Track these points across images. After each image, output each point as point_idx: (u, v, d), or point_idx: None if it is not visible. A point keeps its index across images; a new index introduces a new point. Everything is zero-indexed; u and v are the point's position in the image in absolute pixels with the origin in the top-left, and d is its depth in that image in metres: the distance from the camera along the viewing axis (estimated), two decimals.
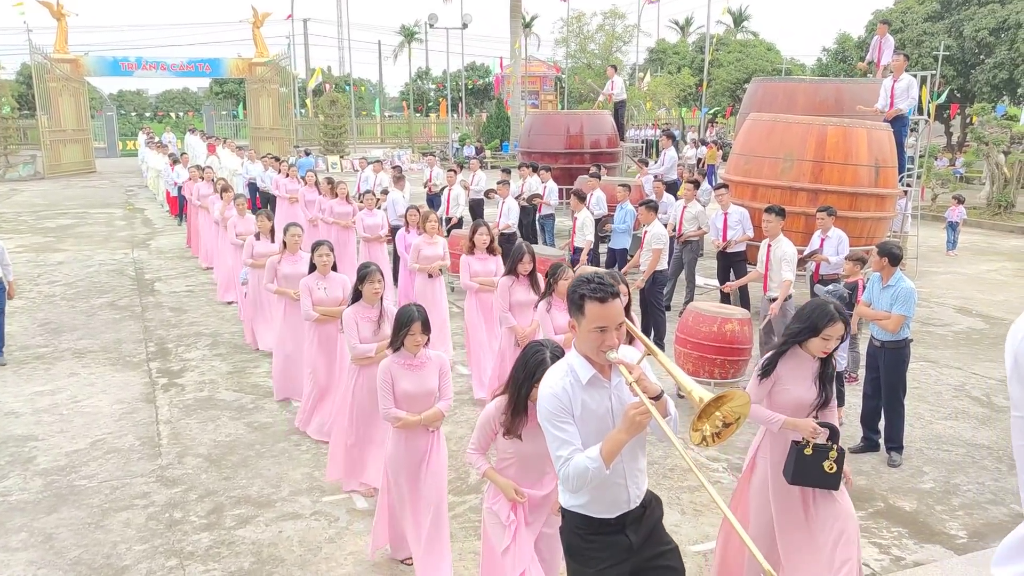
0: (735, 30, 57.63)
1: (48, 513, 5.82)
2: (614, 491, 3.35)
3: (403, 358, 4.83)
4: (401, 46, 64.38)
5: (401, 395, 4.80)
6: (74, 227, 19.52)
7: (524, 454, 4.06)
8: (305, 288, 6.84)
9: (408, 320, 4.74)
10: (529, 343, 4.08)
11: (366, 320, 5.77)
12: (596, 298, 3.17)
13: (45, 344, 9.99)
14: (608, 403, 3.32)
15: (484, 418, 4.08)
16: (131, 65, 34.64)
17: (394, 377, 4.80)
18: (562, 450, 3.21)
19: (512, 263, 6.98)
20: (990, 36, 29.93)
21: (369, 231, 11.50)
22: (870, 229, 11.35)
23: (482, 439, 4.13)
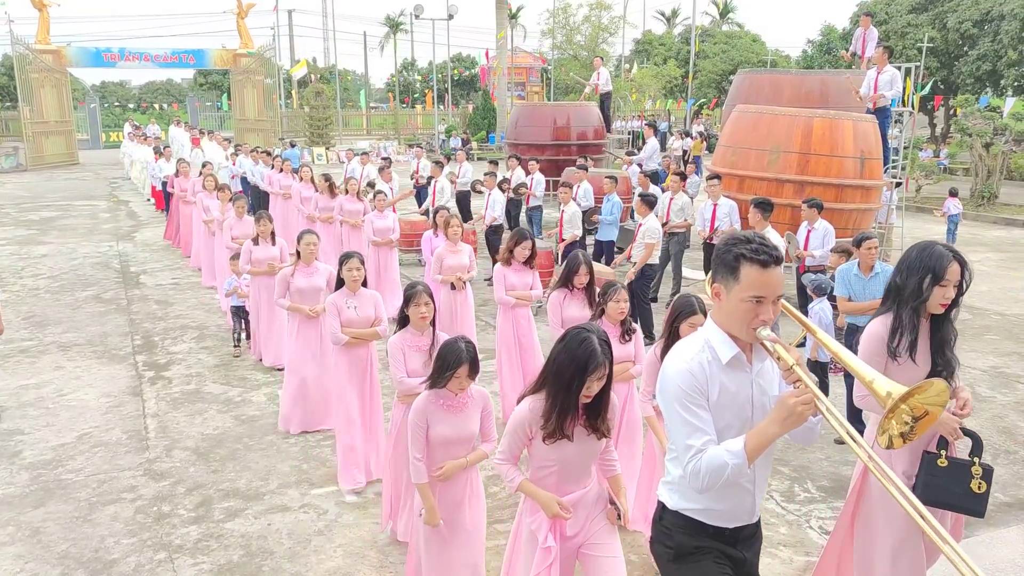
0: (720, 21, 57.78)
1: (35, 507, 5.79)
2: (739, 497, 2.90)
3: (442, 397, 4.20)
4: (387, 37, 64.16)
5: (437, 440, 4.20)
6: (58, 219, 19.37)
7: (568, 460, 3.56)
8: (333, 307, 5.97)
9: (456, 361, 4.07)
10: (570, 329, 3.59)
11: (415, 349, 5.02)
12: (757, 261, 2.67)
13: (30, 337, 9.92)
14: (749, 390, 2.84)
15: (516, 423, 3.56)
16: (114, 56, 34.34)
17: (430, 420, 4.19)
18: (694, 439, 2.73)
19: (567, 275, 6.24)
20: (974, 28, 30.09)
21: (379, 235, 10.63)
22: (856, 220, 11.43)
23: (514, 447, 3.63)
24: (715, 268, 2.80)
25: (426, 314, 4.96)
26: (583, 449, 3.56)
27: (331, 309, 5.98)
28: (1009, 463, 6.58)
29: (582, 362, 3.37)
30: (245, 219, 10.17)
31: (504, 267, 7.28)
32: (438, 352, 4.20)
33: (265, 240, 8.64)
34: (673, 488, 2.98)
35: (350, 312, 5.98)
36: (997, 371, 8.84)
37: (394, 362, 5.01)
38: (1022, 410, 7.68)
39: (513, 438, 3.60)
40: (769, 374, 2.88)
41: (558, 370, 3.44)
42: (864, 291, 6.83)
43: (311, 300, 7.02)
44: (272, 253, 8.63)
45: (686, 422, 2.75)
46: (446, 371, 4.08)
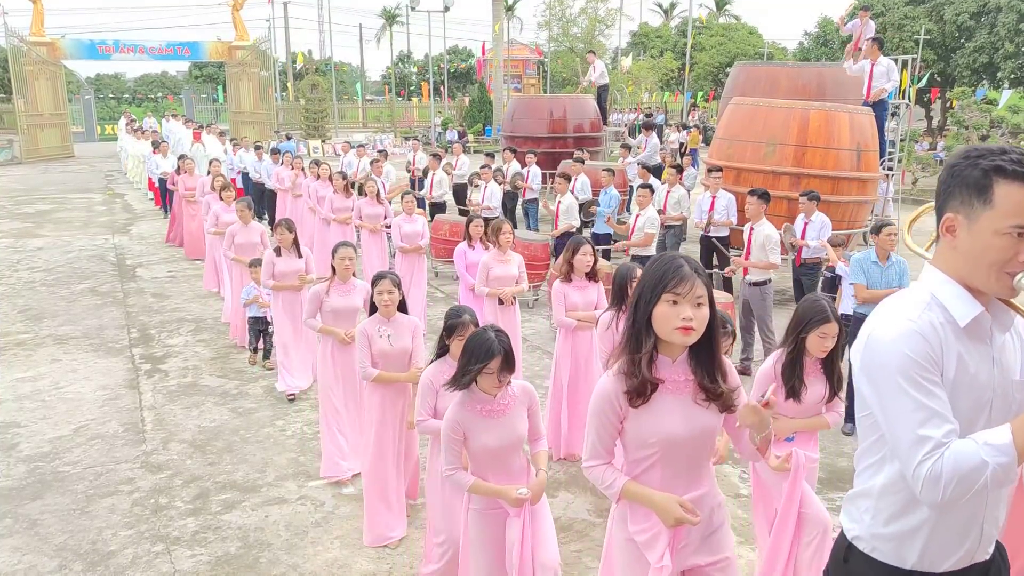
0: (717, 14, 57.70)
1: (33, 499, 5.79)
2: (964, 522, 2.11)
3: (479, 402, 3.65)
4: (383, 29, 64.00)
5: (480, 452, 3.67)
6: (53, 212, 19.33)
7: (675, 438, 2.77)
8: (363, 337, 5.12)
9: (485, 353, 3.52)
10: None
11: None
12: (1020, 176, 1.92)
13: (26, 330, 9.91)
14: (989, 369, 2.07)
15: (599, 403, 2.80)
16: (109, 48, 34.22)
17: (468, 431, 3.65)
18: (930, 427, 1.94)
19: (619, 292, 5.25)
20: (970, 20, 30.08)
21: (407, 240, 9.58)
22: (852, 213, 11.43)
23: (603, 437, 2.84)
24: (950, 191, 2.04)
25: None
26: (694, 425, 2.78)
27: (361, 339, 5.13)
28: None
29: (660, 275, 2.68)
30: (252, 226, 9.30)
31: (564, 284, 6.15)
32: (464, 344, 3.68)
33: (288, 251, 7.66)
34: (869, 509, 2.18)
35: (383, 342, 5.12)
36: None
37: (420, 399, 4.34)
38: None
39: (599, 426, 2.83)
40: (1011, 350, 2.13)
41: (639, 293, 2.75)
42: (881, 279, 6.84)
43: (346, 322, 6.12)
44: (297, 266, 7.65)
45: (918, 404, 1.96)
46: (473, 365, 3.53)
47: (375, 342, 5.12)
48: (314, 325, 6.14)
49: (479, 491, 3.75)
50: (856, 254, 7.21)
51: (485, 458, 3.72)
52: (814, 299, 4.24)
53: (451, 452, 3.72)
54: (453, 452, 3.72)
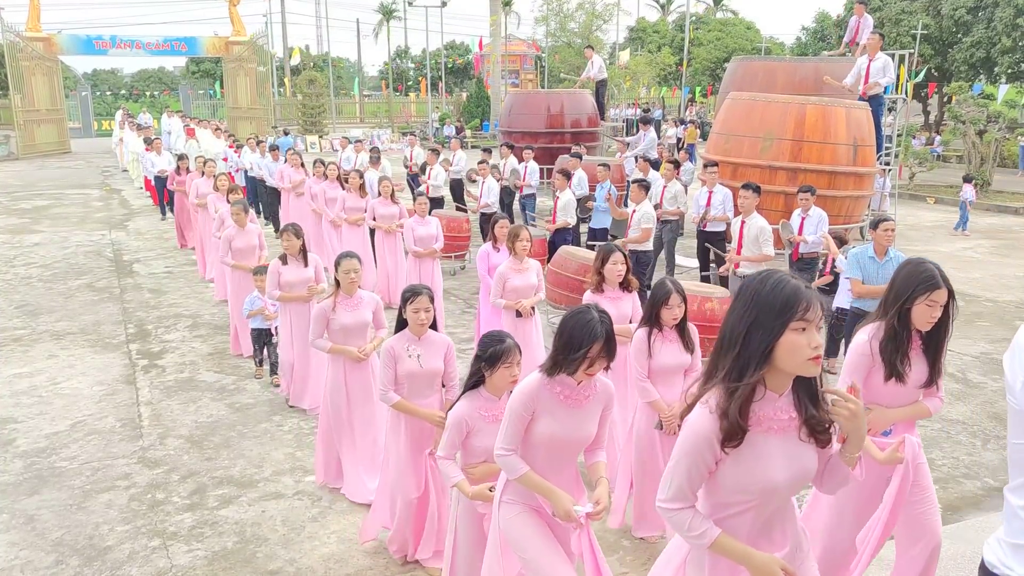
0: (715, 9, 57.64)
1: (29, 495, 5.80)
2: None
3: (561, 384, 3.35)
4: (380, 24, 63.85)
5: (541, 439, 3.39)
6: (50, 208, 19.31)
7: (776, 484, 2.51)
8: (389, 357, 4.63)
9: (590, 336, 3.20)
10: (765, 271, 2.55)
11: (488, 418, 3.86)
12: None
13: (23, 326, 9.91)
14: None
15: (696, 440, 2.49)
16: (105, 43, 34.14)
17: (539, 412, 3.36)
18: None
19: (653, 308, 4.78)
20: (967, 15, 30.09)
21: (421, 243, 9.23)
22: (849, 208, 11.46)
23: (695, 479, 2.56)
24: None
25: (517, 376, 3.81)
26: (796, 469, 2.52)
27: (387, 358, 4.64)
28: (999, 448, 6.63)
29: (784, 301, 2.39)
30: (249, 229, 8.74)
31: (595, 294, 5.69)
32: (562, 327, 3.30)
33: (295, 259, 7.13)
34: None
35: (411, 363, 4.63)
36: (988, 357, 8.88)
37: (448, 436, 3.88)
38: None
39: (691, 467, 2.52)
40: None
41: (753, 320, 2.43)
42: (878, 275, 6.82)
43: (358, 338, 5.68)
44: (305, 275, 7.10)
45: None
46: (575, 352, 3.21)
47: (402, 362, 4.64)
48: (323, 346, 5.66)
49: (530, 484, 3.40)
50: (854, 249, 7.21)
51: (543, 450, 3.38)
52: (919, 262, 3.78)
53: (513, 431, 3.38)
54: (514, 432, 3.38)
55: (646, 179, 10.77)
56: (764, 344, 2.40)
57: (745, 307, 2.45)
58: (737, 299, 2.52)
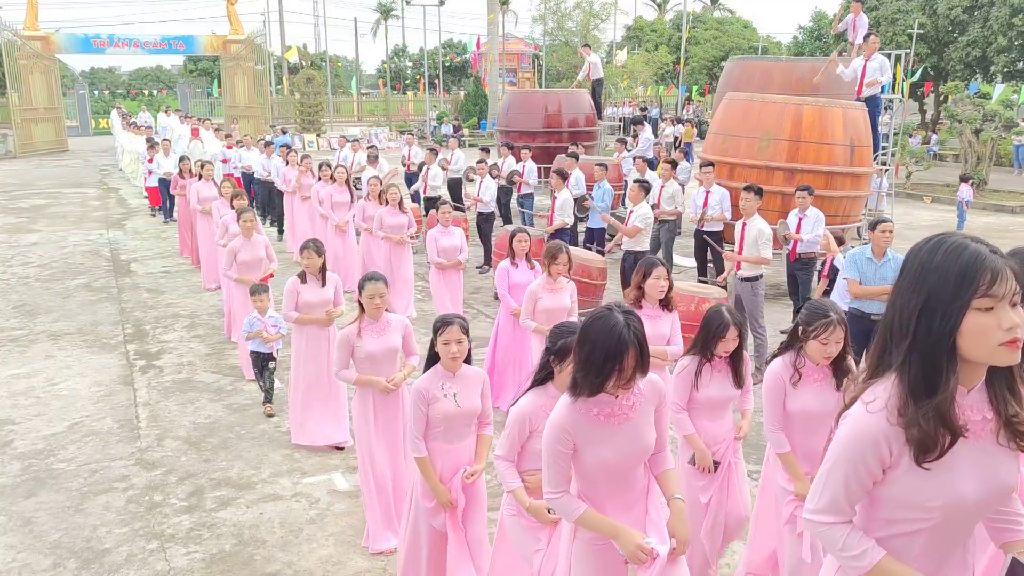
0: (712, 8, 57.65)
1: (27, 497, 5.80)
2: None
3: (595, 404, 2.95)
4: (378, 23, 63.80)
5: (596, 468, 3.01)
6: (47, 207, 19.29)
7: (965, 501, 2.06)
8: (421, 398, 4.12)
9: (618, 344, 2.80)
10: None
11: None
12: None
13: (20, 326, 9.90)
14: None
15: (860, 444, 2.08)
16: (103, 42, 34.11)
17: (580, 442, 2.97)
18: None
19: (707, 339, 4.35)
20: (963, 14, 30.12)
21: (445, 255, 8.85)
22: (846, 208, 11.47)
23: (855, 490, 2.14)
24: None
25: None
26: (994, 482, 2.07)
27: (418, 400, 4.12)
28: None
29: (962, 273, 1.93)
30: (255, 239, 8.09)
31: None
32: (583, 337, 2.87)
33: (315, 278, 6.52)
34: None
35: (446, 403, 4.13)
36: None
37: (509, 433, 3.55)
38: None
39: (850, 476, 2.11)
40: None
41: (925, 301, 1.99)
42: (875, 275, 6.84)
43: (386, 367, 5.08)
44: (325, 295, 6.50)
45: None
46: (603, 365, 2.79)
47: (435, 403, 4.13)
48: (348, 377, 5.09)
49: (590, 525, 3.01)
50: (852, 249, 7.23)
51: (601, 479, 3.00)
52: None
53: (556, 470, 2.97)
54: (559, 472, 2.97)
55: (646, 180, 10.79)
56: (946, 333, 1.94)
57: (913, 285, 2.00)
58: (903, 274, 2.06)
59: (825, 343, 3.88)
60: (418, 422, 4.15)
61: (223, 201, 10.37)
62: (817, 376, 3.98)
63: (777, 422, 4.03)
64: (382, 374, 5.04)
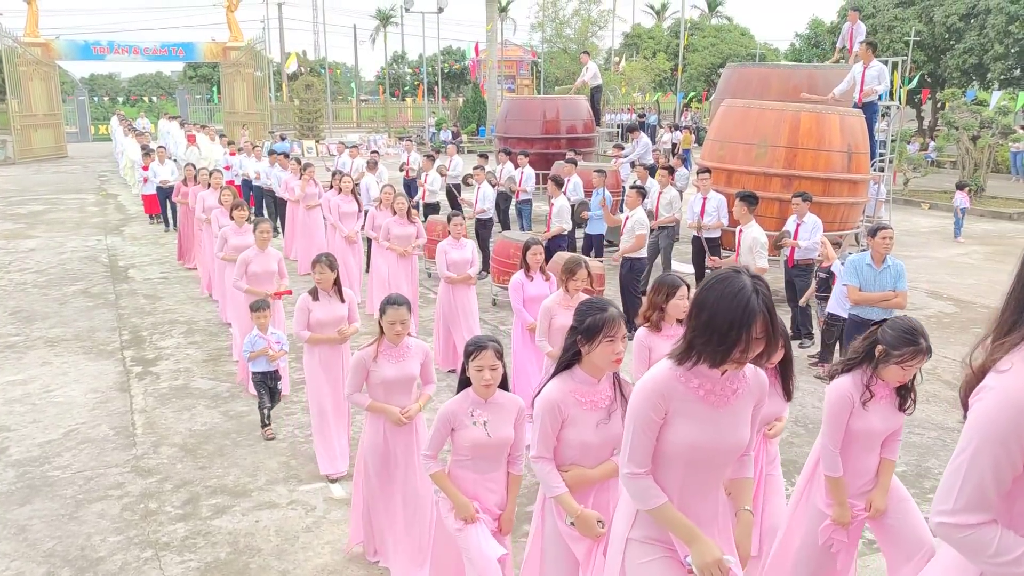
0: (709, 15, 57.81)
1: (21, 504, 5.78)
2: None
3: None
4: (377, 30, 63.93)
5: (688, 455, 2.72)
6: (46, 213, 19.27)
7: None
8: (445, 422, 3.89)
9: (748, 311, 2.51)
10: None
11: (585, 405, 3.37)
12: None
13: (16, 333, 9.88)
14: None
15: (1007, 416, 1.85)
16: (103, 49, 34.15)
17: (681, 421, 2.70)
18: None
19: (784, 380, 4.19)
20: (960, 22, 30.17)
21: (455, 268, 8.25)
22: (843, 214, 11.48)
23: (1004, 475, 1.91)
24: None
25: (622, 354, 3.31)
26: None
27: (442, 422, 3.88)
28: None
29: None
30: (269, 252, 7.75)
31: (651, 333, 4.90)
32: (702, 301, 2.58)
33: (329, 293, 6.19)
34: None
35: (476, 432, 3.85)
36: None
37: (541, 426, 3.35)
38: None
39: (999, 457, 1.87)
40: None
41: None
42: (875, 282, 6.86)
43: (401, 396, 4.78)
44: (339, 312, 6.16)
45: None
46: (726, 333, 2.48)
47: (464, 430, 3.84)
48: (361, 401, 4.78)
49: (665, 520, 2.72)
50: (852, 255, 7.24)
51: (680, 467, 2.70)
52: None
53: (642, 442, 2.67)
54: (645, 444, 2.67)
55: (643, 186, 10.80)
56: None
57: None
58: None
59: (907, 369, 3.76)
60: (435, 443, 3.90)
61: (223, 211, 10.06)
62: (883, 394, 3.88)
63: (838, 443, 3.86)
64: (396, 402, 4.74)
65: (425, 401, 4.91)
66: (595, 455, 3.37)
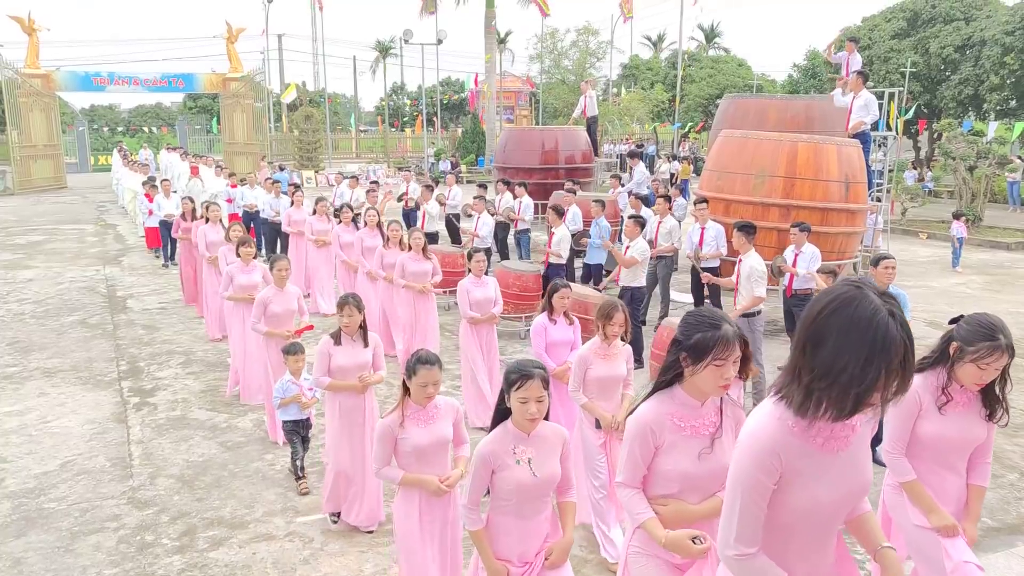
0: (707, 46, 58.36)
1: (17, 537, 5.72)
2: None
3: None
4: (376, 61, 64.46)
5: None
6: (44, 243, 19.28)
7: None
8: (484, 466, 3.54)
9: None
10: None
11: (686, 431, 2.94)
12: None
13: (14, 363, 9.85)
14: None
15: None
16: (103, 80, 34.39)
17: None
18: None
19: None
20: (955, 53, 30.48)
21: (479, 308, 7.79)
22: (841, 244, 11.50)
23: None
24: None
25: (731, 379, 2.88)
26: None
27: (481, 465, 3.53)
28: (996, 487, 6.59)
29: None
30: (287, 291, 7.32)
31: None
32: (820, 329, 2.11)
33: (353, 338, 5.71)
34: None
35: (520, 472, 3.50)
36: None
37: (630, 451, 3.03)
38: (1008, 433, 7.70)
39: None
40: None
41: None
42: None
43: (437, 464, 4.29)
44: (363, 358, 5.70)
45: None
46: (857, 372, 2.05)
47: (506, 471, 3.48)
48: (392, 476, 4.25)
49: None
50: None
51: (802, 526, 2.31)
52: None
53: (753, 515, 2.26)
54: (756, 515, 2.26)
55: (641, 215, 10.83)
56: None
57: None
58: None
59: (985, 368, 3.41)
60: (476, 490, 3.53)
61: (230, 248, 9.43)
62: (963, 399, 3.53)
63: (899, 446, 3.54)
64: (431, 470, 4.24)
65: (464, 466, 4.31)
66: (699, 489, 2.94)
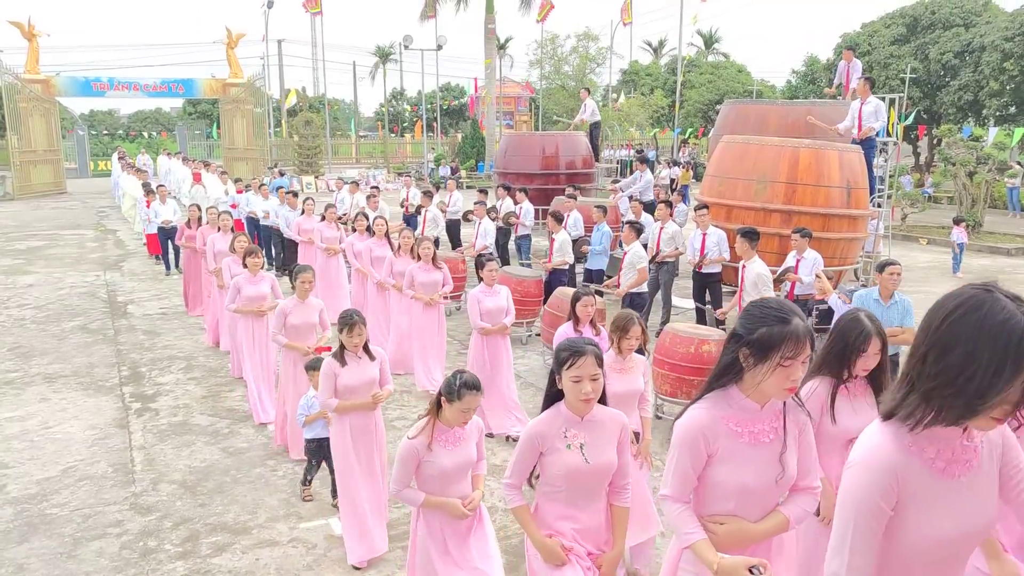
0: (706, 52, 58.45)
1: (19, 543, 5.71)
2: None
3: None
4: (376, 67, 64.49)
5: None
6: (44, 249, 19.27)
7: None
8: (532, 446, 3.42)
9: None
10: None
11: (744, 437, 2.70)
12: None
13: (15, 369, 9.83)
14: None
15: None
16: (103, 85, 34.39)
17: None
18: None
19: (843, 357, 3.73)
20: (955, 59, 30.52)
21: (489, 318, 7.58)
22: (843, 249, 11.51)
23: None
24: None
25: (797, 382, 2.61)
26: None
27: (528, 445, 3.40)
28: None
29: None
30: (310, 303, 7.05)
31: None
32: (941, 335, 1.95)
33: (355, 353, 5.48)
34: None
35: (572, 457, 3.32)
36: None
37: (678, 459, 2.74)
38: None
39: None
40: None
41: None
42: (882, 317, 6.85)
43: (460, 484, 4.10)
44: (370, 374, 5.47)
45: None
46: (980, 384, 1.87)
47: (555, 455, 3.30)
48: (414, 499, 4.03)
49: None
50: (860, 291, 7.26)
51: (920, 565, 2.04)
52: None
53: (867, 546, 2.00)
54: (869, 546, 2.00)
55: (639, 221, 10.84)
56: None
57: None
58: None
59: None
60: (520, 469, 3.38)
61: (235, 259, 9.14)
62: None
63: None
64: (454, 492, 4.03)
65: (482, 486, 4.23)
66: (758, 504, 2.69)
